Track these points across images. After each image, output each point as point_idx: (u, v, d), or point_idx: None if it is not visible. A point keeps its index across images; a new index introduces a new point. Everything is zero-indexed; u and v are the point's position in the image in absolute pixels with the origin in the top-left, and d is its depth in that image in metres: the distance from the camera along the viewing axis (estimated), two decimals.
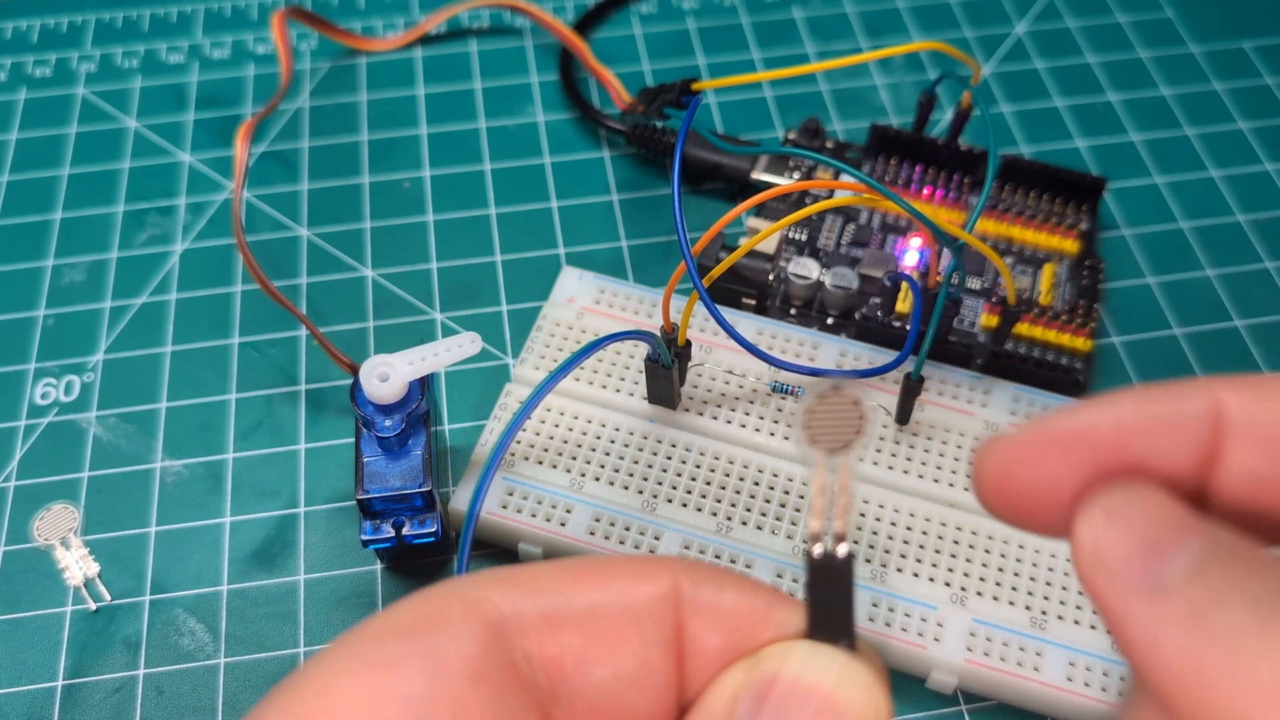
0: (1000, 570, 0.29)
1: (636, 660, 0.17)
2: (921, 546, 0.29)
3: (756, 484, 0.30)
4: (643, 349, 0.31)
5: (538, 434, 0.31)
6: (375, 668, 0.15)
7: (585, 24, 0.44)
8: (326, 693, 0.15)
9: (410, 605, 0.17)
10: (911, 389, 0.30)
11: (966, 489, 0.30)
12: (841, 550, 0.17)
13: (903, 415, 0.31)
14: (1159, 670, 0.12)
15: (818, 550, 0.17)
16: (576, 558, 0.17)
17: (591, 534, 0.29)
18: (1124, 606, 0.12)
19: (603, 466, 0.30)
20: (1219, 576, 0.12)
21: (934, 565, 0.29)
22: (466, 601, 0.16)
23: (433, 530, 0.29)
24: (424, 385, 0.29)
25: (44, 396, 0.34)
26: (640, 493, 0.30)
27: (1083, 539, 0.13)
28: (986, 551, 0.29)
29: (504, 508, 0.29)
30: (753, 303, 0.34)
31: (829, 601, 0.17)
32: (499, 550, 0.30)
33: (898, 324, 0.33)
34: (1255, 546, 0.12)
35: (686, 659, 0.17)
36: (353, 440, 0.33)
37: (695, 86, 0.32)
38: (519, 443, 0.31)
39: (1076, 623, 0.28)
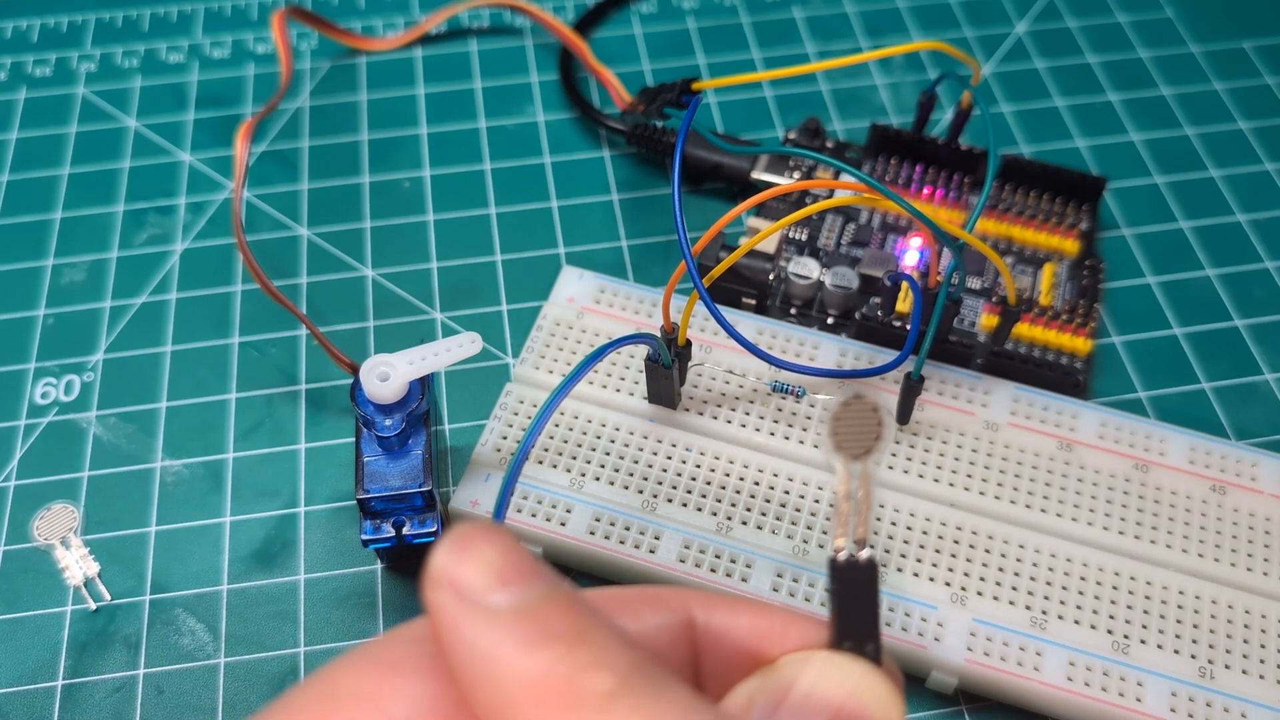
0: (1000, 570, 0.29)
1: None
2: (922, 546, 0.29)
3: (756, 484, 0.30)
4: (643, 349, 0.31)
5: (539, 436, 0.31)
6: (382, 665, 0.16)
7: (585, 24, 0.44)
8: (331, 687, 0.16)
9: (424, 618, 0.17)
10: (912, 389, 0.30)
11: (967, 489, 0.30)
12: (864, 555, 0.17)
13: (903, 415, 0.31)
14: (468, 672, 0.15)
15: (842, 556, 0.17)
16: (592, 589, 0.18)
17: (591, 534, 0.29)
18: (460, 618, 0.15)
19: (603, 466, 0.30)
20: (539, 617, 0.15)
21: (934, 565, 0.29)
22: None
23: (433, 530, 0.29)
24: (424, 385, 0.29)
25: (44, 396, 0.34)
26: (640, 493, 0.30)
27: (434, 564, 0.16)
28: (986, 551, 0.29)
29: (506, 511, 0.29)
30: (753, 302, 0.34)
31: (853, 607, 0.17)
32: None
33: (898, 324, 0.33)
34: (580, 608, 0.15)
35: (706, 682, 0.18)
36: (353, 440, 0.33)
37: (695, 86, 0.32)
38: (518, 442, 0.31)
39: (1076, 623, 0.28)
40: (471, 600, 0.15)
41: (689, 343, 0.30)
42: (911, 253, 0.35)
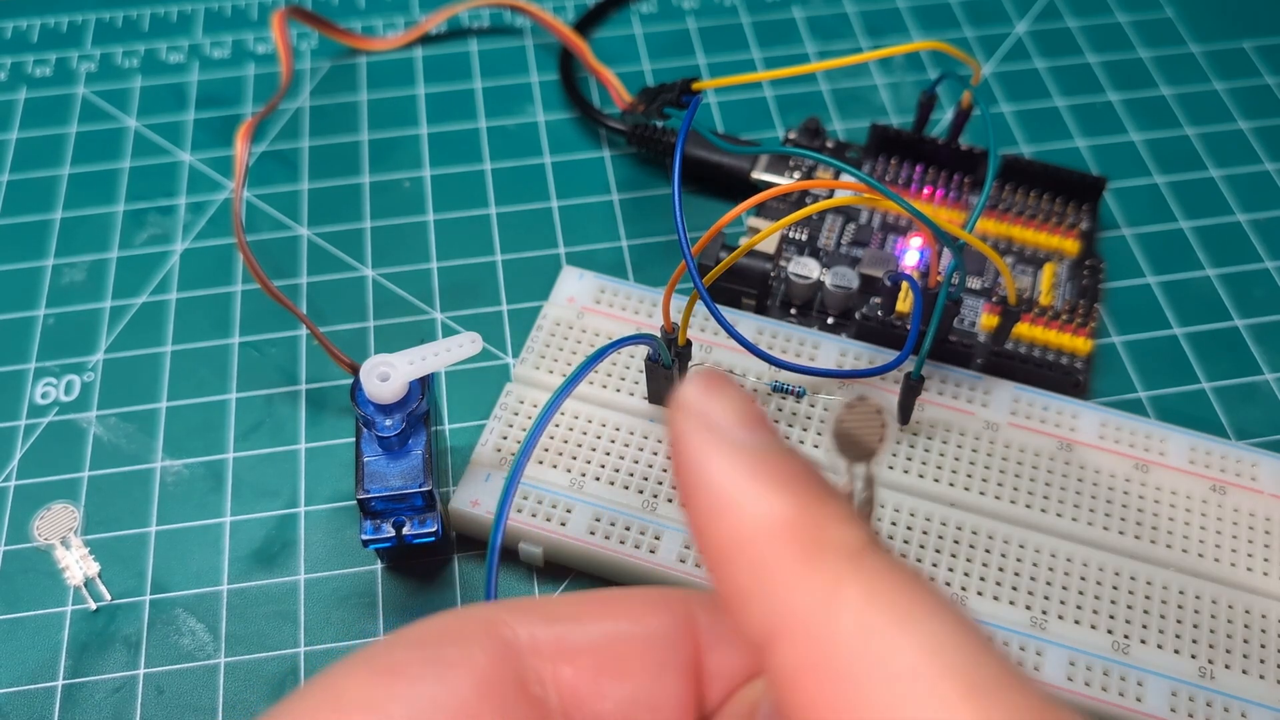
0: (1000, 570, 0.29)
1: (651, 687, 0.17)
2: (921, 546, 0.29)
3: None
4: (643, 349, 0.31)
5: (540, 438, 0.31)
6: (385, 671, 0.16)
7: (585, 23, 0.44)
8: (336, 694, 0.16)
9: (426, 621, 0.17)
10: (912, 389, 0.30)
11: (967, 489, 0.30)
12: None
13: (903, 415, 0.31)
14: (707, 505, 0.15)
15: None
16: (595, 590, 0.18)
17: (592, 534, 0.29)
18: (707, 449, 0.15)
19: (603, 466, 0.30)
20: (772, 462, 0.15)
21: (934, 565, 0.29)
22: (481, 621, 0.17)
23: (433, 530, 0.29)
24: (424, 385, 0.29)
25: (44, 396, 0.34)
26: (640, 493, 0.30)
27: (684, 397, 0.15)
28: (987, 551, 0.29)
29: (507, 517, 0.29)
30: (753, 302, 0.34)
31: None
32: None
33: (898, 324, 0.33)
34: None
35: (709, 683, 0.18)
36: (353, 440, 0.33)
37: (695, 86, 0.32)
38: (518, 442, 0.31)
39: (1076, 623, 0.28)
40: (720, 433, 0.15)
41: (689, 343, 0.30)
42: (911, 253, 0.35)
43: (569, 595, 0.18)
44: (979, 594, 0.28)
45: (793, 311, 0.35)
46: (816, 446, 0.31)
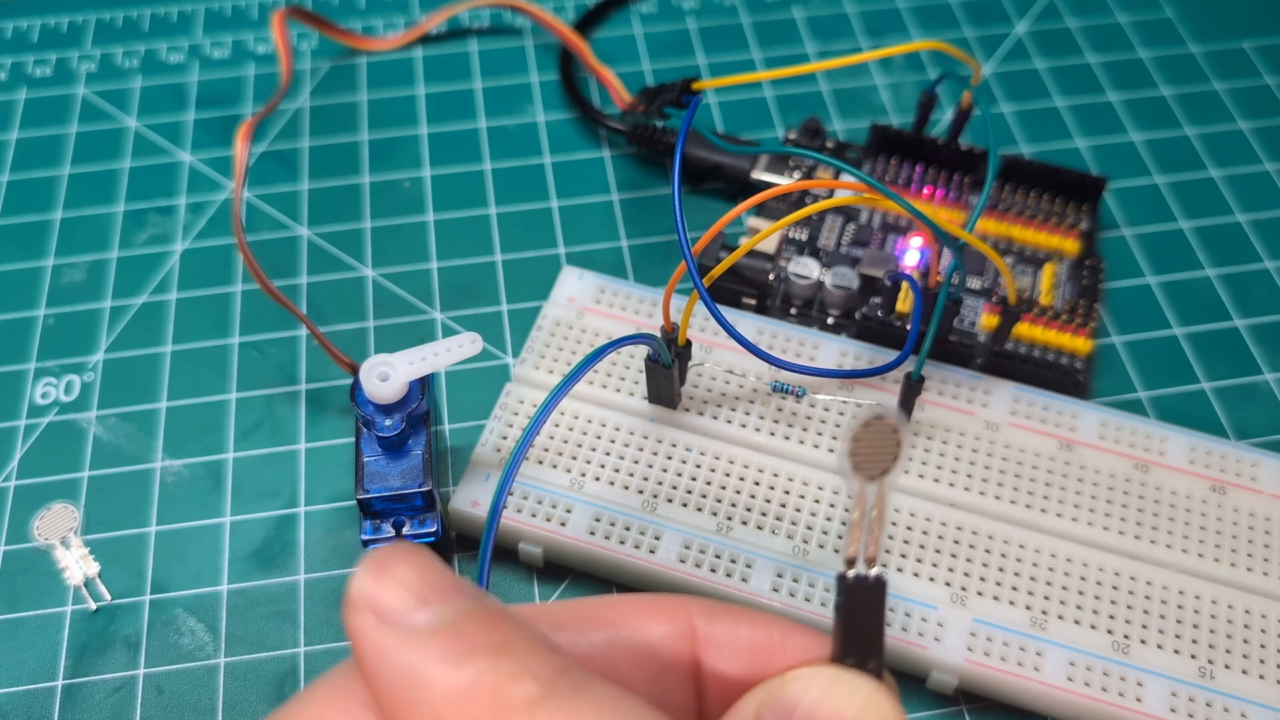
0: (1000, 570, 0.29)
1: (651, 692, 0.17)
2: (922, 546, 0.29)
3: (756, 484, 0.30)
4: (643, 349, 0.31)
5: (538, 434, 0.31)
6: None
7: (585, 23, 0.44)
8: (341, 692, 0.16)
9: None
10: (912, 389, 0.30)
11: (967, 489, 0.30)
12: (874, 573, 0.17)
13: (903, 415, 0.31)
14: (388, 684, 0.15)
15: (851, 573, 0.17)
16: (595, 597, 0.18)
17: (591, 534, 0.29)
18: (382, 640, 0.15)
19: (603, 466, 0.30)
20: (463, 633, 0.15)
21: (934, 565, 0.29)
22: None
23: (433, 530, 0.29)
24: (424, 385, 0.29)
25: (44, 396, 0.34)
26: (640, 493, 0.30)
27: (353, 590, 0.16)
28: (987, 551, 0.29)
29: (504, 507, 0.29)
30: (753, 302, 0.34)
31: (859, 624, 0.17)
32: (498, 550, 0.30)
33: (898, 324, 0.33)
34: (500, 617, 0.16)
35: (706, 689, 0.18)
36: (353, 440, 0.33)
37: (695, 86, 0.32)
38: (518, 442, 0.31)
39: (1076, 623, 0.28)
40: (392, 621, 0.15)
41: (689, 343, 0.30)
42: (912, 253, 0.35)
43: (570, 602, 0.18)
44: (979, 594, 0.28)
45: (793, 311, 0.35)
46: (817, 447, 0.31)
